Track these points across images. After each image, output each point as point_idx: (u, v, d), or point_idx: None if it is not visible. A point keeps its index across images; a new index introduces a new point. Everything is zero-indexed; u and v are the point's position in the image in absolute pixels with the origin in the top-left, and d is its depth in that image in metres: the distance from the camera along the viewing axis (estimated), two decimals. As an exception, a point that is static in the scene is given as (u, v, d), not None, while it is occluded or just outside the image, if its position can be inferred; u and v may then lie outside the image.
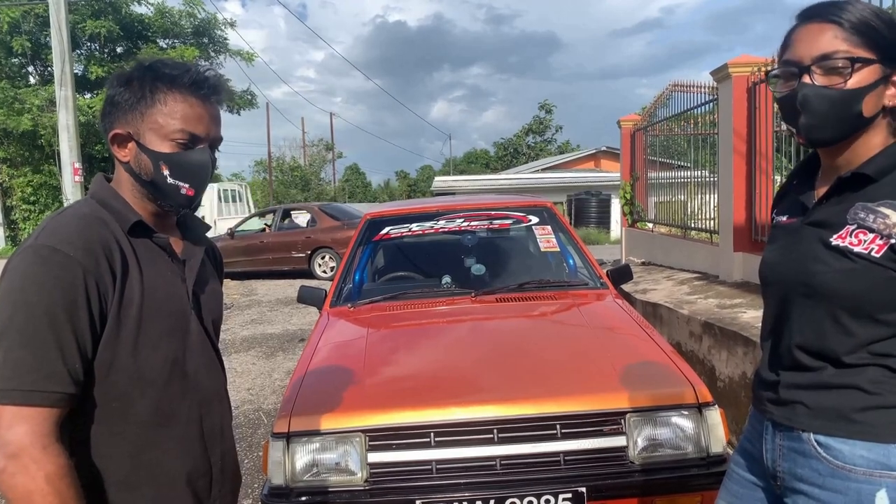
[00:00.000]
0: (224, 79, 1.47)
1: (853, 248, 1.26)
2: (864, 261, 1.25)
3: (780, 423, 1.41)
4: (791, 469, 1.39)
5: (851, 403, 1.29)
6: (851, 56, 1.24)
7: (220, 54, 23.53)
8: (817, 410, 1.34)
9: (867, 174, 1.29)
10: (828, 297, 1.30)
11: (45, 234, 1.25)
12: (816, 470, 1.33)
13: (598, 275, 3.88)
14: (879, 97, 1.28)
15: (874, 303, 1.26)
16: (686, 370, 2.59)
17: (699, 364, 4.74)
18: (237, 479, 1.58)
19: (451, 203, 4.67)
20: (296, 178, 30.55)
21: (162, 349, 1.34)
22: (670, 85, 8.07)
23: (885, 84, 1.27)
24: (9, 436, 1.15)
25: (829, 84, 1.27)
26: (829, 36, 1.26)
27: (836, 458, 1.30)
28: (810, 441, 1.34)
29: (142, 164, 1.36)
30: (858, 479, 1.28)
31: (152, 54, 20.17)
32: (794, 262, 1.38)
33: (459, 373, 2.77)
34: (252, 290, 12.54)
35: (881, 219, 1.24)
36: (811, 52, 1.28)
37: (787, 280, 1.40)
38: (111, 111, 1.38)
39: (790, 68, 1.30)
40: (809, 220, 1.38)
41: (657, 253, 8.48)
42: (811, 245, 1.34)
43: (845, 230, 1.29)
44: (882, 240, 1.23)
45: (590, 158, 35.35)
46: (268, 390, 5.92)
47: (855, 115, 1.27)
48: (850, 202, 1.30)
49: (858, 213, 1.28)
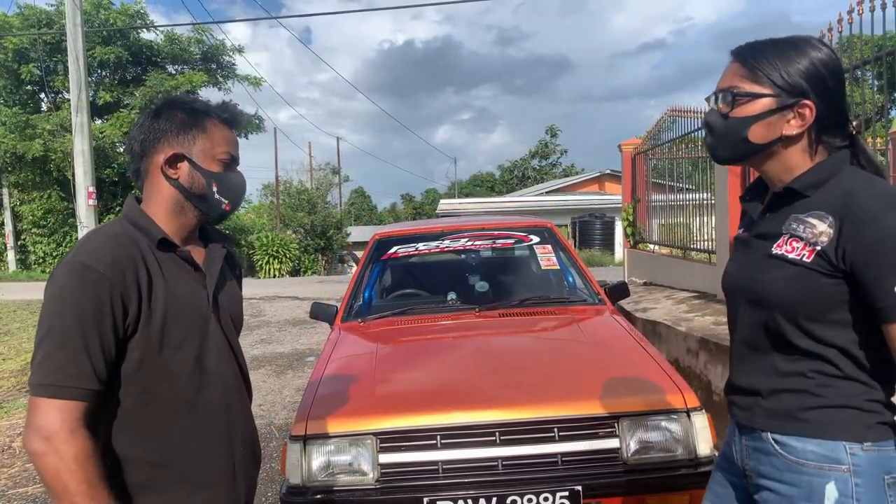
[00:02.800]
0: (242, 110, 1.72)
1: (788, 255, 1.41)
2: (799, 266, 1.39)
3: (743, 425, 1.56)
4: (756, 467, 1.52)
5: (800, 404, 1.43)
6: (740, 91, 1.44)
7: (228, 79, 23.92)
8: (772, 411, 1.47)
9: (795, 189, 1.44)
10: (771, 303, 1.43)
11: (81, 251, 1.46)
12: (775, 466, 1.46)
13: (597, 291, 4.06)
14: (773, 126, 1.43)
15: (812, 306, 1.38)
16: (675, 377, 2.77)
17: (696, 378, 4.90)
18: (257, 463, 1.78)
19: (456, 223, 4.86)
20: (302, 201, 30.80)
21: (184, 348, 1.54)
22: (669, 110, 8.30)
23: (783, 113, 1.42)
24: (42, 422, 1.36)
25: (723, 112, 1.47)
26: (731, 72, 1.48)
27: (791, 454, 1.43)
28: (768, 440, 1.47)
29: (195, 180, 1.59)
30: (810, 472, 1.39)
31: (161, 79, 20.57)
32: (744, 271, 1.54)
33: (464, 381, 2.95)
34: (260, 310, 12.70)
35: (809, 228, 1.39)
36: (720, 85, 1.50)
37: (739, 288, 1.55)
38: (160, 137, 1.59)
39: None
40: (755, 232, 1.54)
41: (658, 273, 8.65)
42: (756, 255, 1.50)
43: (782, 239, 1.43)
44: (810, 247, 1.38)
45: (594, 181, 35.56)
46: (279, 406, 6.08)
47: (741, 141, 1.45)
48: (786, 214, 1.45)
49: (791, 224, 1.42)
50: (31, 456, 1.38)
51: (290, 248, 26.43)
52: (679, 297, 7.05)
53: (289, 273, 25.85)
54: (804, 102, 1.40)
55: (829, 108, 1.42)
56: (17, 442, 5.22)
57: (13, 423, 5.78)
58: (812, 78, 1.40)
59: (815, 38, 1.46)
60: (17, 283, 18.49)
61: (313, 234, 29.45)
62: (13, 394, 6.78)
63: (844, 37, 4.81)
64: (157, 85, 20.35)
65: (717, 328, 5.06)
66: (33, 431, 1.36)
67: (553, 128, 52.37)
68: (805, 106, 1.40)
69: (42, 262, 22.17)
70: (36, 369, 1.39)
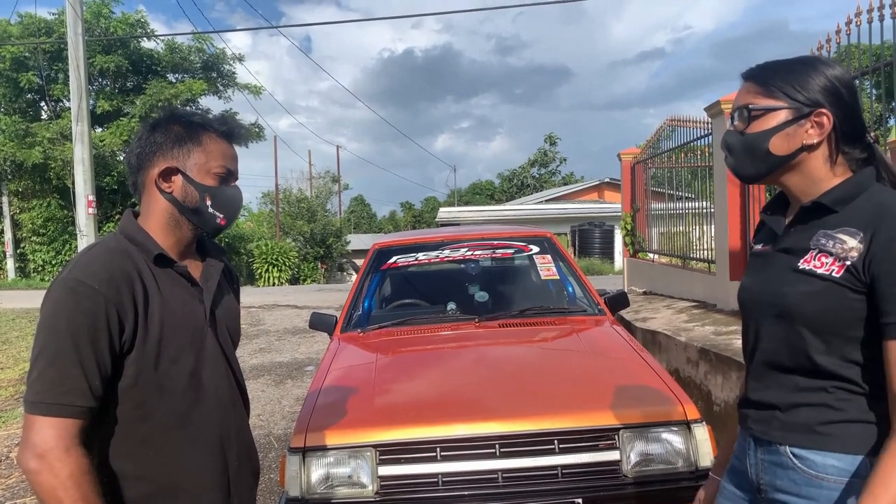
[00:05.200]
0: (242, 123, 1.71)
1: (817, 270, 1.40)
2: (828, 281, 1.38)
3: (760, 439, 1.54)
4: (772, 481, 1.51)
5: (820, 418, 1.42)
6: (756, 106, 1.45)
7: (228, 88, 23.97)
8: (791, 425, 1.46)
9: (825, 204, 1.44)
10: (796, 318, 1.43)
11: (76, 267, 1.45)
12: (793, 480, 1.45)
13: (596, 301, 4.06)
14: (792, 136, 1.44)
15: (837, 322, 1.38)
16: (676, 389, 2.76)
17: (696, 389, 4.89)
18: (255, 477, 1.76)
19: (456, 233, 4.86)
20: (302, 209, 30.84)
21: (180, 363, 1.54)
22: (667, 120, 8.33)
23: (800, 123, 1.43)
24: (37, 439, 1.35)
25: (740, 130, 1.49)
26: (744, 91, 1.50)
27: (810, 468, 1.42)
28: (787, 453, 1.46)
29: (188, 194, 1.58)
30: (831, 486, 1.39)
31: (161, 88, 20.61)
32: (766, 285, 1.53)
33: (463, 392, 2.94)
34: (259, 319, 12.69)
35: (839, 244, 1.38)
36: (735, 104, 1.52)
37: (760, 303, 1.54)
38: (155, 150, 1.58)
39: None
40: (779, 247, 1.53)
41: (658, 282, 8.64)
42: (781, 270, 1.49)
43: (810, 255, 1.43)
44: (840, 262, 1.37)
45: (594, 190, 35.60)
46: (278, 416, 6.06)
47: (764, 154, 1.46)
48: (814, 229, 1.45)
49: (820, 240, 1.42)
50: (26, 474, 1.37)
51: (290, 256, 26.44)
52: (679, 306, 7.05)
53: (288, 281, 25.84)
54: (820, 111, 1.41)
55: (846, 118, 1.43)
56: (15, 452, 5.19)
57: (10, 433, 5.76)
58: (826, 90, 1.42)
59: (824, 58, 1.49)
60: (16, 292, 18.47)
61: (313, 242, 29.47)
62: (11, 403, 6.76)
63: (843, 47, 4.82)
64: (157, 93, 20.40)
65: (717, 338, 5.05)
66: (28, 449, 1.35)
67: (552, 136, 52.45)
68: (822, 114, 1.41)
69: (41, 271, 22.16)
70: (31, 386, 1.39)
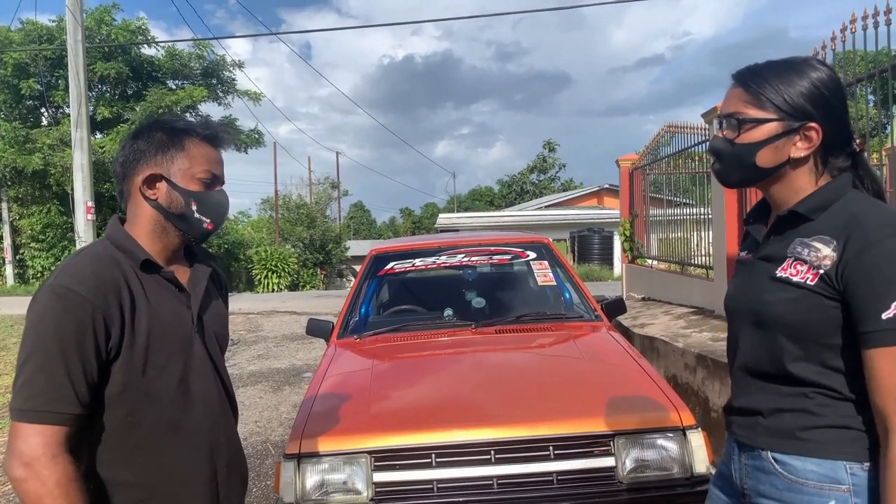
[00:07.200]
0: (231, 127, 1.70)
1: (793, 278, 1.42)
2: (803, 289, 1.39)
3: (743, 444, 1.56)
4: (755, 486, 1.52)
5: (801, 423, 1.43)
6: (746, 117, 1.45)
7: (228, 94, 23.99)
8: (773, 431, 1.47)
9: (800, 213, 1.45)
10: (775, 325, 1.44)
11: (63, 274, 1.45)
12: (775, 485, 1.46)
13: (593, 308, 4.06)
14: (780, 150, 1.44)
15: (814, 329, 1.39)
16: (671, 395, 2.76)
17: (693, 395, 4.89)
18: (243, 483, 1.75)
19: (453, 239, 4.86)
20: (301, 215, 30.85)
21: (168, 370, 1.53)
22: (666, 126, 8.34)
23: (789, 137, 1.43)
24: (23, 447, 1.35)
25: (729, 138, 1.48)
26: (735, 97, 1.48)
27: (791, 473, 1.43)
28: (768, 458, 1.47)
29: (173, 200, 1.58)
30: (810, 491, 1.40)
31: (161, 94, 20.64)
32: (747, 293, 1.54)
33: (459, 399, 2.94)
34: (258, 325, 12.69)
35: (814, 252, 1.40)
36: (723, 110, 1.51)
37: (742, 310, 1.56)
38: (139, 157, 1.59)
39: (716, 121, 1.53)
40: (759, 254, 1.54)
41: (656, 288, 8.65)
42: (760, 278, 1.50)
43: (787, 262, 1.44)
44: (814, 270, 1.39)
45: (593, 196, 35.65)
46: (275, 422, 6.06)
47: (750, 166, 1.47)
48: (790, 238, 1.46)
49: (796, 248, 1.44)
50: (12, 482, 1.36)
51: (289, 262, 26.42)
52: (677, 312, 7.04)
53: (287, 287, 25.84)
54: (810, 125, 1.41)
55: (834, 129, 1.43)
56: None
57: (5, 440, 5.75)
58: (815, 100, 1.41)
59: (814, 59, 1.47)
60: (15, 298, 18.47)
61: (312, 248, 29.46)
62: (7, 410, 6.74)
63: (839, 53, 4.84)
64: (157, 100, 20.41)
65: (714, 344, 5.05)
66: (14, 457, 1.35)
67: (551, 142, 52.47)
68: (811, 128, 1.41)
69: (40, 277, 22.12)
70: (17, 394, 1.38)
